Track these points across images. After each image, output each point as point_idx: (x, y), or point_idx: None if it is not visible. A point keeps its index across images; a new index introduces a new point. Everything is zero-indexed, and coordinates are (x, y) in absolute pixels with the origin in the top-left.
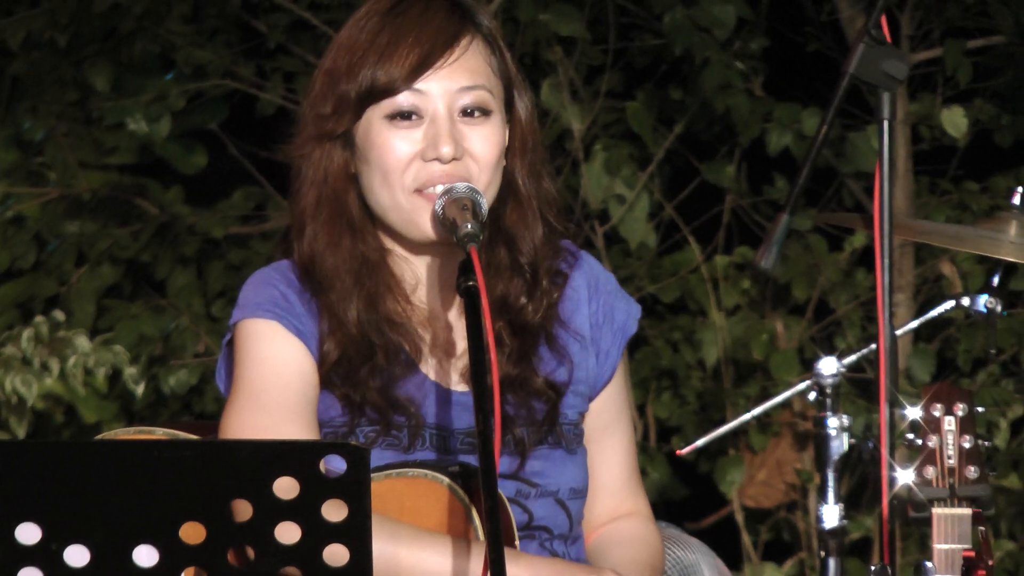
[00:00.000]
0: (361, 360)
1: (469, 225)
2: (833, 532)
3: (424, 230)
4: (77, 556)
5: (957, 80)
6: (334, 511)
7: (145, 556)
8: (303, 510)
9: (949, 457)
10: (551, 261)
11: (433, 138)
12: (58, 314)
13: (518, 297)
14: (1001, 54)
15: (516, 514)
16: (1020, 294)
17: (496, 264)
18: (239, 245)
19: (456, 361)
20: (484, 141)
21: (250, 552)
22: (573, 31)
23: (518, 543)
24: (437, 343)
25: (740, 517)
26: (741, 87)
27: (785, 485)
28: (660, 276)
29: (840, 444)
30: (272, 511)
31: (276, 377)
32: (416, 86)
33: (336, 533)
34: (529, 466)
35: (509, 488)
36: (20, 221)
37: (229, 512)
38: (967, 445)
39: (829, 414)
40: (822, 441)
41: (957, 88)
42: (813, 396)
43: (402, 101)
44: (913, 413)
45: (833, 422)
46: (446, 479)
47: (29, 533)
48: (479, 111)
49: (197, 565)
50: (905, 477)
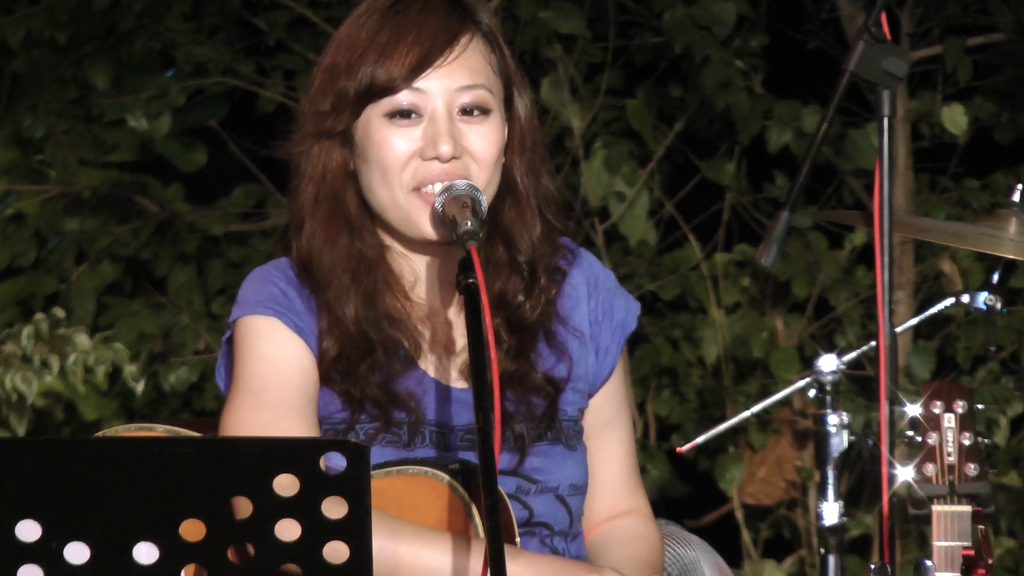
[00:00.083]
0: (360, 356)
1: (469, 222)
2: (833, 529)
3: (422, 229)
4: (77, 553)
5: (957, 77)
6: (334, 508)
7: (145, 553)
8: (303, 507)
9: (949, 454)
10: (549, 259)
11: (432, 137)
12: (58, 311)
13: (516, 294)
14: (1001, 51)
15: (516, 510)
16: (1020, 291)
17: (494, 261)
18: (239, 242)
19: (455, 358)
20: (483, 140)
21: (250, 549)
22: (573, 29)
23: (518, 540)
24: (436, 340)
25: (740, 514)
26: (741, 85)
27: (785, 482)
28: (660, 274)
29: (840, 441)
30: (272, 508)
31: (276, 374)
32: (416, 85)
33: (336, 530)
34: (529, 462)
35: (509, 484)
36: (20, 219)
37: (229, 509)
38: (967, 442)
39: (829, 411)
40: (822, 438)
41: (957, 85)
42: (813, 393)
43: (401, 100)
44: (913, 410)
45: (833, 419)
46: (446, 476)
47: (29, 530)
48: (478, 110)
49: (197, 562)
50: (905, 474)
